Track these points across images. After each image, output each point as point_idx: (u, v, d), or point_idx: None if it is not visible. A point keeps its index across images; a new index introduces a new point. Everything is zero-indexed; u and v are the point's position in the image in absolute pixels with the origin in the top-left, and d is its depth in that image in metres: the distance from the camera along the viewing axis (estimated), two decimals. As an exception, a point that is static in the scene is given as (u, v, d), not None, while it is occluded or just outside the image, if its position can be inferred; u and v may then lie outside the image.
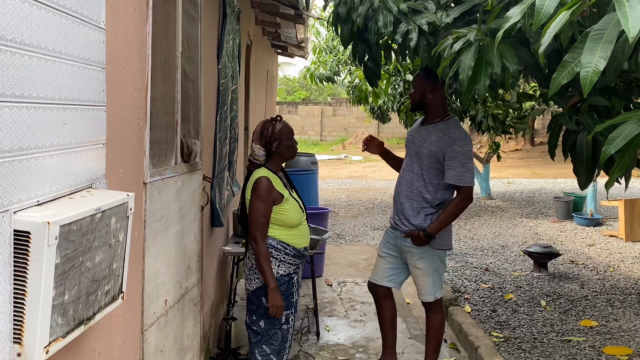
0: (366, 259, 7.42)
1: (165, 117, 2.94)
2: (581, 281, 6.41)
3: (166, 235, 2.91)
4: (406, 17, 3.40)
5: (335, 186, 15.70)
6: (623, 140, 1.60)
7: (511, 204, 12.32)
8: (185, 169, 3.22)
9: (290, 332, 3.40)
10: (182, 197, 3.17)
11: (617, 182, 2.44)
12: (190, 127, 3.37)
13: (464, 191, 3.61)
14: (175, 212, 3.05)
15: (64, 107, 1.66)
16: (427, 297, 3.82)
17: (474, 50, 2.36)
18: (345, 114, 29.13)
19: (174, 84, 3.04)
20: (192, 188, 3.35)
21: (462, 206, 3.64)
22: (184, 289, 3.24)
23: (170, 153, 3.01)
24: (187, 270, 3.29)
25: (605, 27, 1.62)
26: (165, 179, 2.87)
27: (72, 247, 1.52)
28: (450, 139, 3.55)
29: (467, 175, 3.55)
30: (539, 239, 8.65)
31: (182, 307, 3.22)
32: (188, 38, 3.25)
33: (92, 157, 1.88)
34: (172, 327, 3.05)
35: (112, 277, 1.80)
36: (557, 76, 1.74)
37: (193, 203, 3.38)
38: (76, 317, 1.60)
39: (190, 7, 3.31)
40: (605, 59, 1.54)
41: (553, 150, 2.62)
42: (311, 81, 12.31)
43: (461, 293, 5.98)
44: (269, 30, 9.27)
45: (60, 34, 1.62)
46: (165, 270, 2.91)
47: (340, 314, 5.46)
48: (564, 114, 2.46)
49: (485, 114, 7.16)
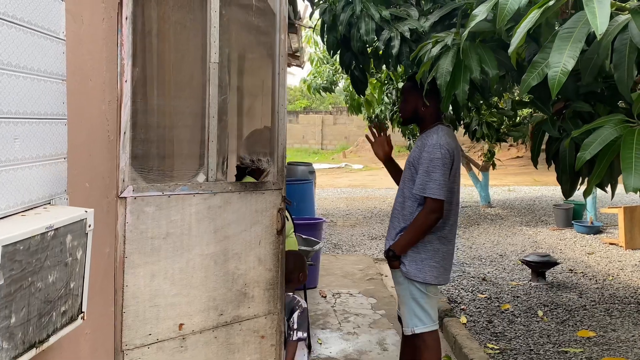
0: (362, 269, 7.32)
1: (175, 131, 2.82)
2: (579, 290, 6.30)
3: (182, 255, 2.75)
4: (389, 24, 3.34)
5: (335, 195, 15.62)
6: (599, 146, 1.52)
7: (511, 211, 12.22)
8: (232, 187, 2.97)
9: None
10: (225, 217, 2.93)
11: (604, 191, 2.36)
12: (257, 144, 3.21)
13: (427, 203, 3.15)
14: (206, 232, 2.85)
15: (14, 121, 1.59)
16: (405, 328, 3.40)
17: (452, 54, 2.28)
18: (346, 122, 29.10)
19: (200, 96, 2.85)
20: (251, 208, 3.06)
21: (425, 221, 3.17)
22: (230, 316, 2.99)
23: (191, 169, 2.87)
24: (238, 296, 3.02)
25: (575, 26, 1.53)
26: (175, 195, 2.71)
27: (18, 267, 1.45)
28: (423, 146, 3.22)
29: (432, 185, 3.12)
30: (538, 248, 8.55)
31: (226, 336, 2.98)
32: (245, 49, 3.10)
33: (50, 172, 1.81)
34: (198, 355, 2.86)
35: (69, 296, 1.72)
36: (526, 77, 1.66)
37: (255, 224, 3.08)
38: (26, 341, 1.52)
39: (253, 16, 3.12)
40: (574, 58, 1.46)
41: (536, 158, 2.53)
42: (309, 92, 12.29)
43: (457, 304, 5.88)
44: (263, 40, 9.22)
45: (8, 45, 1.55)
46: (177, 292, 2.74)
47: (333, 326, 5.37)
48: (546, 121, 2.38)
49: (479, 121, 7.08)
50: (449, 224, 3.31)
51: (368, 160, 24.97)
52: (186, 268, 2.77)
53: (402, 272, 3.31)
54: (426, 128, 3.34)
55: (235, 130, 3.11)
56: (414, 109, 3.36)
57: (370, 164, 23.66)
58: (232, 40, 2.98)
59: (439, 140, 3.16)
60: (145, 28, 2.70)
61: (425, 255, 3.26)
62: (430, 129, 3.30)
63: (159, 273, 2.67)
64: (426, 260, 3.26)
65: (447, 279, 3.40)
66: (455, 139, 3.33)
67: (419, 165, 3.18)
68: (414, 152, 3.32)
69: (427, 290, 3.30)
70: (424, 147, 3.21)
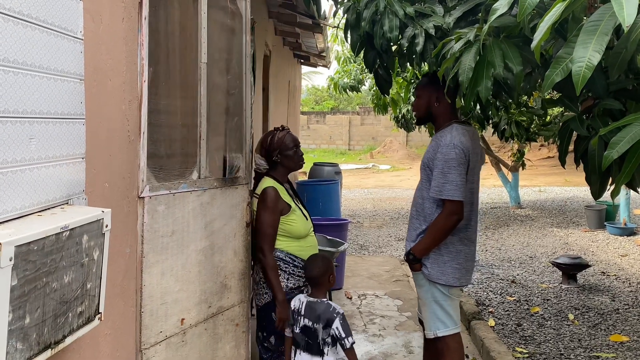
0: (388, 270, 7.25)
1: (178, 130, 2.84)
2: (612, 293, 6.13)
3: (183, 252, 2.78)
4: (413, 21, 3.28)
5: (362, 196, 15.55)
6: (627, 144, 1.45)
7: (541, 212, 11.99)
8: (217, 184, 3.05)
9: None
10: (211, 212, 3.00)
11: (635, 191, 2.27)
12: (231, 141, 3.23)
13: (446, 206, 3.07)
14: (199, 228, 2.90)
15: (30, 121, 1.58)
16: (427, 331, 3.33)
17: (474, 50, 2.22)
18: (374, 122, 28.93)
19: (195, 96, 2.91)
20: (229, 203, 3.16)
21: (445, 223, 3.09)
22: (215, 308, 3.06)
23: (189, 167, 2.89)
24: (220, 288, 3.10)
25: (601, 18, 1.45)
26: (179, 193, 2.74)
27: (32, 267, 1.44)
28: (438, 146, 3.13)
29: (448, 187, 3.03)
30: (569, 249, 8.36)
31: (213, 327, 3.05)
32: (222, 50, 3.13)
33: (68, 172, 1.81)
34: (194, 348, 2.90)
35: (85, 297, 1.71)
36: (550, 73, 1.59)
37: (232, 219, 3.18)
38: (41, 342, 1.51)
39: (228, 18, 3.19)
40: (599, 52, 1.38)
41: (563, 158, 2.45)
42: (335, 91, 12.25)
43: (485, 306, 5.78)
44: (289, 40, 9.24)
45: (23, 45, 1.55)
46: (180, 288, 2.77)
47: (358, 328, 5.32)
48: (574, 119, 2.29)
49: (508, 120, 6.93)
50: (471, 224, 3.24)
51: (395, 161, 24.82)
52: (186, 264, 2.83)
53: (424, 275, 3.26)
54: (441, 127, 3.27)
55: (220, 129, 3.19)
56: (427, 106, 3.30)
57: (398, 165, 23.50)
58: (215, 41, 3.07)
59: (452, 140, 3.08)
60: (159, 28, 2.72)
61: (447, 257, 3.21)
62: (445, 127, 3.22)
63: (167, 271, 2.69)
64: (448, 262, 3.21)
65: (469, 280, 3.34)
66: (472, 137, 3.24)
67: (434, 166, 3.12)
68: (428, 152, 3.25)
69: (449, 293, 3.25)
70: (437, 147, 3.14)
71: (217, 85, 3.09)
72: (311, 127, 30.09)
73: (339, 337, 2.92)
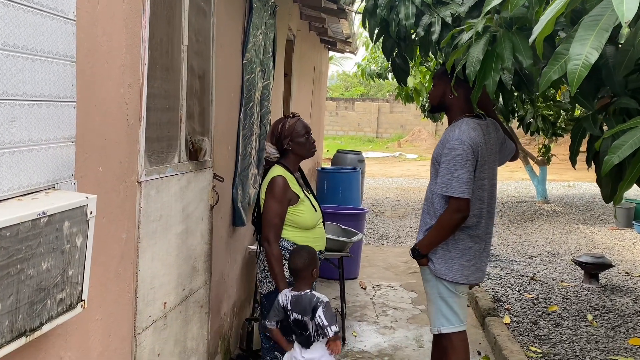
0: (406, 262, 7.16)
1: (166, 114, 2.83)
2: (635, 295, 5.95)
3: (166, 236, 2.80)
4: (430, 8, 3.17)
5: (386, 185, 15.42)
6: (629, 149, 1.34)
7: (568, 208, 11.73)
8: (191, 167, 3.09)
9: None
10: (187, 196, 3.05)
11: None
12: (196, 124, 3.24)
13: (451, 203, 3.01)
14: (178, 212, 2.94)
15: (11, 103, 1.55)
16: (431, 327, 3.32)
17: (484, 42, 2.11)
18: (403, 111, 28.61)
19: (178, 79, 2.92)
20: (199, 187, 3.21)
21: (449, 221, 3.03)
22: (187, 290, 3.12)
23: (172, 151, 2.90)
24: (191, 271, 3.16)
25: (603, 13, 1.34)
26: (165, 177, 2.75)
27: (5, 254, 1.41)
28: (445, 141, 3.07)
29: (454, 184, 2.97)
30: (593, 248, 8.15)
31: (185, 309, 3.11)
32: (197, 32, 3.12)
33: (54, 156, 1.77)
34: (172, 330, 2.94)
35: (67, 284, 1.68)
36: (547, 70, 1.49)
37: (200, 202, 3.24)
38: (14, 329, 1.48)
39: (201, 0, 3.18)
40: (598, 49, 1.28)
41: (574, 157, 2.33)
42: (362, 77, 12.12)
43: (502, 302, 5.66)
44: (316, 25, 9.12)
45: (6, 25, 1.51)
46: (164, 272, 2.80)
47: (370, 319, 5.27)
48: (587, 117, 2.17)
49: (534, 114, 6.73)
50: (482, 222, 3.14)
51: (423, 150, 24.55)
52: (168, 248, 2.83)
53: (430, 270, 3.20)
54: (453, 119, 3.20)
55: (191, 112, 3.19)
56: (442, 96, 3.21)
57: (425, 154, 23.23)
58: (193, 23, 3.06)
59: (460, 135, 2.99)
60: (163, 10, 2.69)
61: (455, 254, 3.13)
62: (456, 121, 3.14)
63: (156, 255, 2.69)
64: (456, 258, 3.13)
65: (479, 279, 3.26)
66: (486, 131, 3.13)
67: (441, 161, 3.04)
68: (437, 147, 3.17)
69: (456, 290, 3.18)
70: (446, 142, 3.06)
71: (191, 67, 3.08)
72: (340, 114, 29.96)
73: (321, 325, 2.86)
